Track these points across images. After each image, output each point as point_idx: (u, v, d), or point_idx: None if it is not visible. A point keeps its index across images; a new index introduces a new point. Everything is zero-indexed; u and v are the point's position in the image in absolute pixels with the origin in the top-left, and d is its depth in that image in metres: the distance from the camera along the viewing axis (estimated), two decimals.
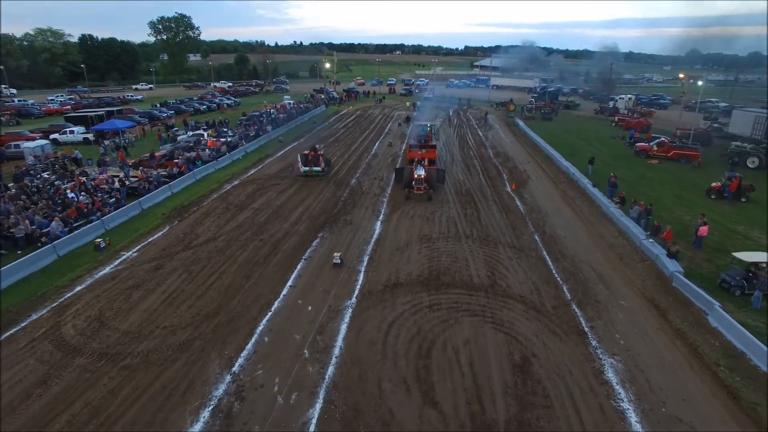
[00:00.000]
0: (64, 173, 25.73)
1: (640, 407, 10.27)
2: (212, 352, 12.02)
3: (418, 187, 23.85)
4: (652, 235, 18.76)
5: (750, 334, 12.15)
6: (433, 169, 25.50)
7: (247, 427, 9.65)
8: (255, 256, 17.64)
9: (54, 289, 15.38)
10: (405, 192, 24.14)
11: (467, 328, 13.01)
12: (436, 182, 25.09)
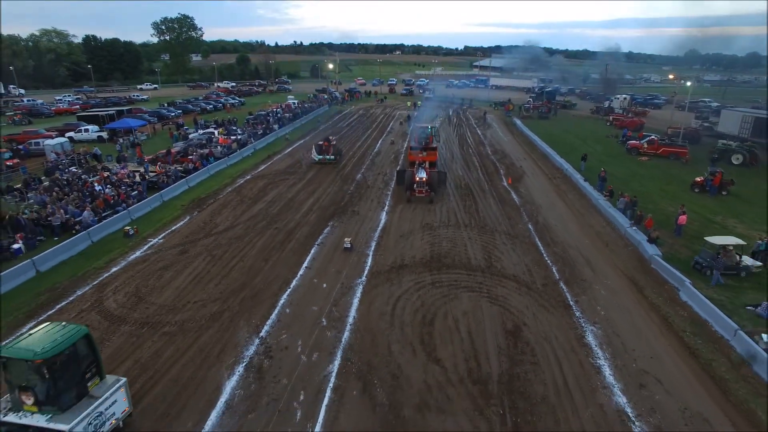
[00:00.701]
0: (89, 168, 27.37)
1: (614, 363, 11.92)
2: (240, 321, 13.66)
3: (419, 190, 24.01)
4: (636, 223, 20.42)
5: (713, 306, 13.80)
6: (434, 172, 25.68)
7: (277, 379, 11.27)
8: (271, 242, 19.28)
9: (93, 270, 17.01)
10: (406, 195, 24.35)
11: (466, 302, 14.65)
12: (437, 185, 25.19)
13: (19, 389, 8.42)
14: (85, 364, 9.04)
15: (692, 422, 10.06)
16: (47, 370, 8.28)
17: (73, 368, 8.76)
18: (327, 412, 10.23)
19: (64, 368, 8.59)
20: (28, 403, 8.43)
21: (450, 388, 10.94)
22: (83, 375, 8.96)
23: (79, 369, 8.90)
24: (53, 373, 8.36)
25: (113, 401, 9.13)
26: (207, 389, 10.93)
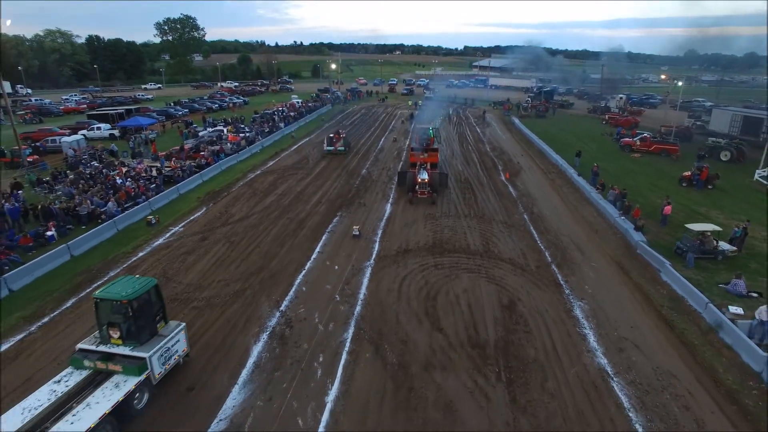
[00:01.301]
0: (109, 163, 28.83)
1: (597, 332, 13.37)
2: (261, 297, 15.10)
3: (421, 191, 24.09)
4: (624, 213, 21.88)
5: (689, 284, 15.25)
6: (435, 173, 25.72)
7: (298, 344, 12.71)
8: (285, 230, 20.72)
9: (121, 254, 18.46)
10: (408, 196, 24.41)
11: (465, 281, 16.10)
12: (438, 186, 25.23)
13: (108, 326, 10.37)
14: (155, 309, 11.16)
15: (662, 377, 11.51)
16: (130, 309, 10.26)
17: (147, 311, 10.82)
18: (344, 370, 11.68)
19: (141, 310, 10.61)
20: (115, 336, 10.36)
21: (452, 352, 12.38)
22: (154, 317, 11.07)
23: (152, 312, 11.01)
24: (134, 313, 10.38)
25: (176, 341, 11.23)
26: (237, 352, 12.38)
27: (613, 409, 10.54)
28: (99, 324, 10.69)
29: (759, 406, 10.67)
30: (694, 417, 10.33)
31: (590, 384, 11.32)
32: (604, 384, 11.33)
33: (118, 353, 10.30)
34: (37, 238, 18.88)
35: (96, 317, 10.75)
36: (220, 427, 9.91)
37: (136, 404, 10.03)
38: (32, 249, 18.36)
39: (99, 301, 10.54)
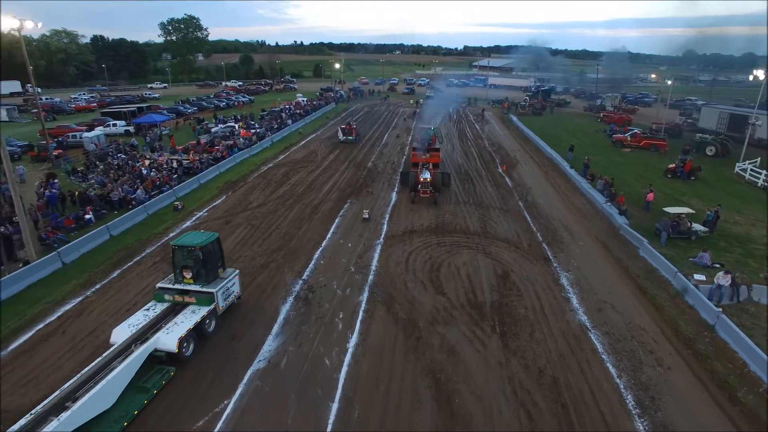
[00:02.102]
0: (134, 155, 30.84)
1: (580, 296, 15.39)
2: (285, 269, 17.10)
3: (423, 191, 24.26)
4: (610, 200, 23.89)
5: (663, 258, 17.26)
6: (438, 173, 25.66)
7: (320, 305, 14.70)
8: (300, 215, 22.72)
9: (154, 235, 20.44)
10: (411, 195, 24.55)
11: (465, 256, 18.11)
12: (441, 186, 25.36)
13: (182, 268, 12.73)
14: (217, 256, 13.56)
15: (632, 330, 13.52)
16: (201, 254, 12.67)
17: (212, 257, 13.24)
18: (361, 324, 13.68)
19: (208, 255, 13.04)
20: (188, 277, 12.73)
21: (453, 311, 14.39)
22: (216, 263, 13.46)
23: (215, 258, 13.41)
24: (203, 258, 12.85)
25: (233, 283, 13.83)
26: (268, 311, 14.37)
27: (589, 353, 12.54)
28: (174, 267, 13.06)
29: (709, 350, 12.68)
30: (655, 357, 12.35)
31: (571, 335, 13.33)
32: (582, 335, 13.34)
33: (191, 289, 12.81)
34: (77, 221, 20.88)
35: (172, 261, 13.15)
36: (261, 365, 11.90)
37: (207, 328, 12.72)
38: (74, 230, 20.34)
39: (176, 248, 12.94)
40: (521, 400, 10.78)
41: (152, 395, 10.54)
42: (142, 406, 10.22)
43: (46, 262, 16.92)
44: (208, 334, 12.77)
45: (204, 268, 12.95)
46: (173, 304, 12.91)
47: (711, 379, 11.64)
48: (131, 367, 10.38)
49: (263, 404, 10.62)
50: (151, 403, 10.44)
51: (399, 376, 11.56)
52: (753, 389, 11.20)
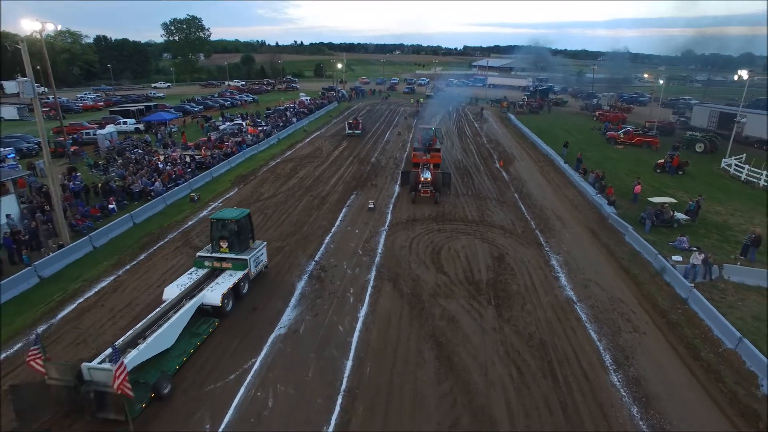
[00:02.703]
0: (148, 150, 32.37)
1: (568, 274, 16.92)
2: (298, 252, 18.61)
3: (424, 191, 24.39)
4: (600, 192, 25.42)
5: (646, 242, 18.79)
6: (438, 173, 25.73)
7: (332, 282, 16.21)
8: (310, 205, 24.24)
9: (174, 222, 21.97)
10: (411, 195, 24.74)
11: (464, 241, 19.64)
12: (441, 185, 25.51)
13: (219, 239, 14.66)
14: (249, 229, 15.69)
15: (614, 303, 15.06)
16: (236, 226, 14.67)
17: (244, 229, 15.37)
18: (370, 297, 15.20)
19: (241, 228, 15.18)
20: (224, 246, 14.61)
21: (453, 287, 15.92)
22: (247, 235, 15.57)
23: (247, 230, 15.54)
24: (238, 230, 14.99)
25: (261, 253, 15.96)
26: (285, 287, 15.90)
27: (573, 322, 14.07)
28: (212, 238, 15.10)
29: (681, 319, 14.21)
30: (632, 325, 13.88)
31: (559, 306, 14.86)
32: (569, 306, 14.87)
33: (228, 257, 14.91)
34: (102, 210, 22.39)
35: (210, 233, 15.27)
36: (282, 331, 13.41)
37: (242, 289, 14.85)
38: (99, 218, 21.86)
39: (214, 221, 15.19)
40: (512, 358, 12.31)
41: (203, 339, 12.66)
42: (196, 347, 12.35)
43: (79, 245, 18.45)
44: (243, 295, 14.89)
45: (238, 239, 15.04)
46: (212, 269, 14.92)
47: (680, 342, 13.18)
48: (185, 316, 12.46)
49: (286, 362, 12.13)
50: (189, 360, 11.97)
51: (405, 339, 13.08)
52: (714, 349, 12.74)
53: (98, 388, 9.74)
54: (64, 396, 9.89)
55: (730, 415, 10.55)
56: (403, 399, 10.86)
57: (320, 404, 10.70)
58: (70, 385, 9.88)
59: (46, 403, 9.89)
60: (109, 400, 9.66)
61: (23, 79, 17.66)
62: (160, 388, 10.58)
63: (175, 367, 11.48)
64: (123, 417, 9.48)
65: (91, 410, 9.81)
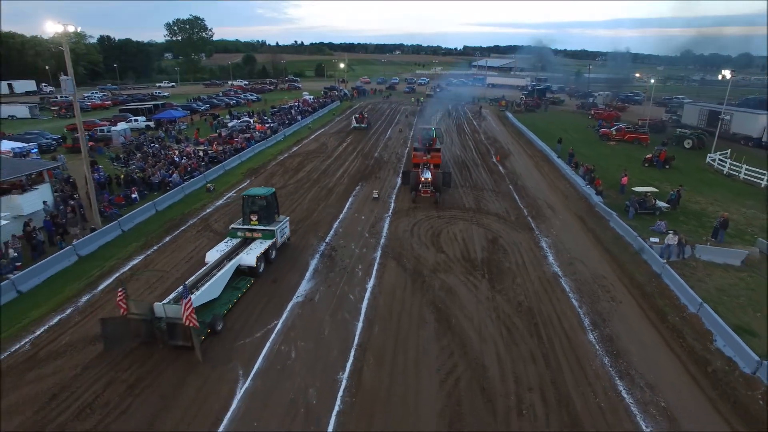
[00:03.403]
0: (165, 145, 34.16)
1: (556, 254, 18.67)
2: (310, 235, 20.36)
3: (425, 191, 24.51)
4: (589, 183, 27.18)
5: (627, 227, 20.54)
6: (439, 173, 25.76)
7: (342, 259, 17.94)
8: (318, 195, 25.99)
9: (193, 210, 23.71)
10: (412, 195, 24.90)
11: (461, 225, 21.40)
12: (442, 185, 25.53)
13: (250, 213, 16.97)
14: (274, 205, 18.28)
15: (596, 277, 16.80)
16: (265, 202, 17.09)
17: (272, 205, 17.93)
18: (377, 272, 16.95)
19: (269, 204, 17.75)
20: (254, 219, 16.91)
21: (451, 264, 17.66)
22: (274, 209, 18.15)
23: (273, 206, 18.12)
24: (266, 205, 17.61)
25: (285, 226, 18.57)
26: (300, 263, 17.64)
27: (558, 293, 15.82)
28: (243, 212, 17.55)
29: (654, 290, 15.96)
30: (611, 295, 15.63)
31: (546, 280, 16.61)
32: (555, 280, 16.62)
33: (257, 228, 17.46)
34: (126, 199, 24.12)
35: (242, 207, 18.07)
36: (299, 299, 15.15)
37: (270, 255, 17.38)
38: (124, 206, 23.59)
39: (246, 197, 17.81)
40: (503, 321, 14.06)
41: (243, 292, 15.19)
42: (238, 298, 14.84)
43: (110, 229, 20.19)
44: (271, 260, 17.46)
45: (266, 213, 17.63)
46: (244, 239, 17.43)
47: (651, 309, 14.93)
48: (227, 273, 14.87)
49: (304, 323, 13.88)
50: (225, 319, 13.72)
51: (408, 305, 14.83)
52: (680, 314, 14.48)
53: (170, 321, 12.20)
54: (141, 328, 12.50)
55: (686, 363, 12.30)
56: (408, 351, 12.61)
57: (336, 356, 12.44)
58: (147, 319, 12.40)
59: (127, 333, 12.45)
60: (178, 331, 12.17)
61: (65, 77, 19.21)
62: (215, 325, 13.12)
63: (223, 312, 13.83)
64: (190, 344, 11.89)
65: (163, 339, 12.35)
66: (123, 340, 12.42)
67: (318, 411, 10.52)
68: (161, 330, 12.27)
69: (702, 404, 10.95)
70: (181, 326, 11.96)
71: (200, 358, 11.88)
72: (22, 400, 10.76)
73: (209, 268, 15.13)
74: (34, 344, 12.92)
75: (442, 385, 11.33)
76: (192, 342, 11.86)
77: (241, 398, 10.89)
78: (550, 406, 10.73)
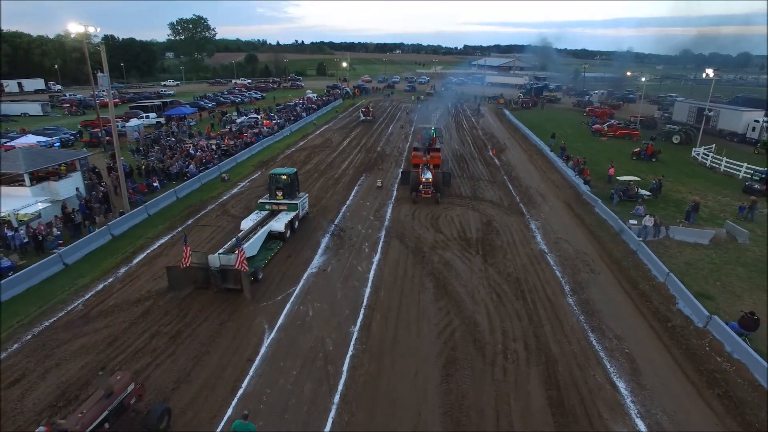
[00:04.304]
0: (180, 139, 36.15)
1: (543, 235, 20.61)
2: (320, 218, 22.30)
3: (425, 191, 24.39)
4: (578, 174, 29.11)
5: (610, 211, 22.47)
6: (439, 172, 25.85)
7: (350, 239, 19.87)
8: (325, 184, 27.93)
9: (210, 197, 25.64)
10: (412, 195, 24.65)
11: (458, 211, 23.34)
12: (442, 185, 25.43)
13: (275, 189, 19.48)
14: (296, 183, 21.42)
15: (578, 254, 18.74)
16: (289, 179, 19.69)
17: (294, 182, 21.01)
18: (382, 249, 18.88)
19: (291, 181, 20.82)
20: (279, 195, 19.50)
21: (448, 242, 19.61)
22: (295, 187, 21.30)
23: (295, 183, 21.27)
24: (290, 182, 20.69)
25: (305, 201, 21.28)
26: (312, 242, 19.58)
27: (544, 266, 17.75)
28: (270, 189, 20.38)
29: (629, 264, 17.91)
30: (591, 268, 17.56)
31: (533, 256, 18.55)
32: (541, 256, 18.56)
33: (282, 202, 20.55)
34: (148, 187, 26.06)
35: (269, 184, 21.25)
36: (313, 270, 17.09)
37: (294, 224, 20.36)
38: (146, 193, 25.52)
39: (272, 175, 21.05)
40: (493, 287, 16.00)
41: (275, 252, 18.27)
42: (272, 256, 17.89)
43: (137, 213, 22.14)
44: (295, 228, 20.53)
45: (289, 189, 20.81)
46: (271, 211, 20.65)
47: (625, 279, 16.87)
48: (261, 236, 18.12)
49: (319, 289, 15.83)
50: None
51: (410, 275, 16.78)
52: (649, 283, 16.45)
53: (223, 268, 14.98)
54: (199, 275, 15.35)
55: (650, 320, 14.26)
56: (410, 310, 14.56)
57: (347, 314, 14.38)
58: (204, 267, 15.22)
59: (187, 279, 15.38)
60: (230, 276, 14.98)
61: (102, 74, 21.15)
62: (257, 274, 16.05)
63: (262, 265, 16.81)
64: (239, 286, 14.90)
65: (216, 283, 15.15)
66: (183, 285, 15.29)
67: (334, 355, 12.47)
68: (215, 275, 14.97)
69: (659, 350, 12.89)
70: (232, 272, 14.76)
71: (249, 297, 14.79)
72: (84, 346, 12.71)
73: (247, 232, 18.26)
74: (86, 305, 14.88)
75: (440, 336, 13.28)
76: (242, 284, 14.70)
77: (268, 345, 12.85)
78: (531, 352, 12.68)
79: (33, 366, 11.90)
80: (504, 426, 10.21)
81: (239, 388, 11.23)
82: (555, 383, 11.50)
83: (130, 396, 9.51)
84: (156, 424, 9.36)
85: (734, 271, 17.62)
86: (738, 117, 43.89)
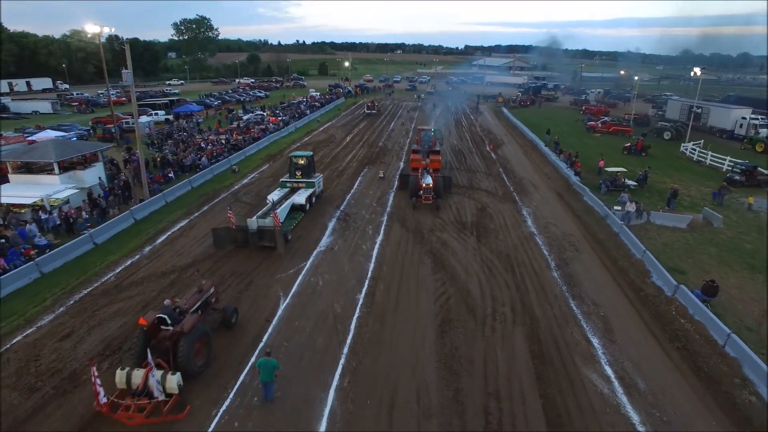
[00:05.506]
0: (191, 134, 37.84)
1: (534, 220, 22.24)
2: (327, 205, 23.95)
3: (426, 197, 23.19)
4: (570, 166, 30.72)
5: (597, 199, 24.09)
6: (439, 177, 24.84)
7: (355, 222, 21.50)
8: (330, 176, 29.57)
9: (222, 187, 27.30)
10: (412, 201, 23.51)
11: (455, 198, 24.98)
12: (442, 190, 24.51)
13: (295, 169, 22.04)
14: (312, 165, 24.38)
15: (565, 236, 20.36)
16: (306, 161, 22.29)
17: (310, 164, 24.22)
18: (384, 231, 20.52)
19: (308, 163, 24.08)
20: (298, 174, 22.29)
21: (446, 225, 21.24)
22: (312, 167, 24.42)
23: (312, 165, 24.44)
24: (307, 163, 23.95)
25: (320, 181, 24.34)
26: (320, 225, 21.23)
27: (533, 245, 19.38)
28: (291, 170, 23.55)
29: (611, 244, 19.54)
30: (575, 248, 19.18)
31: (523, 237, 20.18)
32: (531, 237, 20.19)
33: (301, 180, 23.58)
34: (164, 177, 27.73)
35: (290, 165, 24.36)
36: (322, 249, 18.73)
37: (312, 199, 23.32)
38: (163, 183, 27.17)
39: (293, 157, 24.20)
40: (485, 263, 17.63)
41: (299, 220, 21.30)
42: (296, 223, 20.95)
43: (156, 200, 23.81)
44: (313, 203, 23.43)
45: (307, 169, 23.85)
46: (291, 189, 23.36)
47: (606, 257, 18.49)
48: (287, 207, 21.20)
49: (327, 263, 17.47)
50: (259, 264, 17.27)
51: (410, 253, 18.41)
52: (628, 259, 18.08)
53: (260, 228, 18.32)
54: (239, 235, 18.61)
55: (626, 290, 15.89)
56: (410, 281, 16.20)
57: (354, 284, 16.02)
58: (244, 228, 18.50)
59: (229, 238, 18.59)
60: (266, 235, 18.28)
61: (126, 71, 22.79)
62: (287, 236, 18.96)
63: (290, 228, 19.78)
64: (273, 244, 18.22)
65: (254, 242, 18.38)
66: (226, 243, 18.49)
67: (343, 316, 14.10)
68: (253, 235, 18.25)
69: (631, 314, 14.52)
70: (268, 232, 18.16)
71: (282, 251, 18.05)
72: (121, 309, 14.37)
73: (273, 203, 20.51)
74: (118, 277, 16.54)
75: (437, 301, 14.92)
76: (275, 242, 18.03)
77: (284, 308, 14.50)
78: (517, 314, 14.31)
79: (79, 324, 13.57)
80: (491, 370, 11.84)
81: (260, 341, 12.88)
82: (537, 339, 13.13)
83: (211, 296, 13.39)
84: (230, 317, 13.24)
85: (706, 250, 19.24)
86: (727, 114, 45.46)
